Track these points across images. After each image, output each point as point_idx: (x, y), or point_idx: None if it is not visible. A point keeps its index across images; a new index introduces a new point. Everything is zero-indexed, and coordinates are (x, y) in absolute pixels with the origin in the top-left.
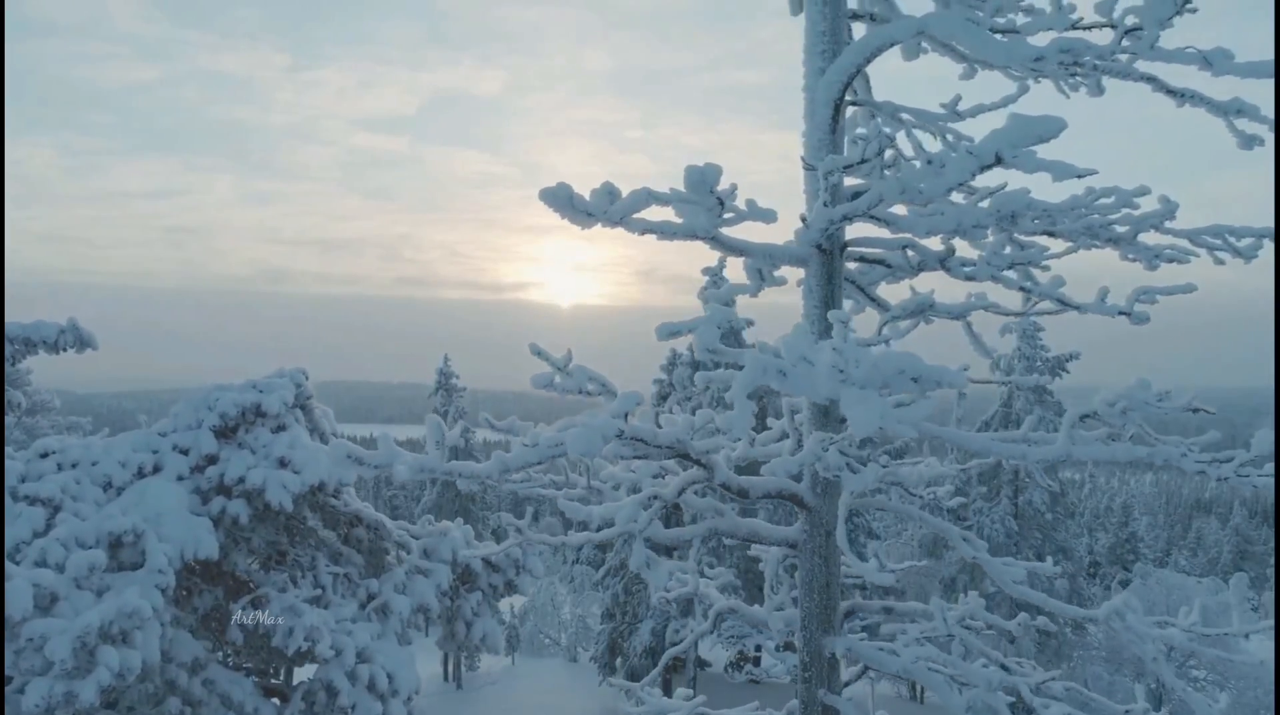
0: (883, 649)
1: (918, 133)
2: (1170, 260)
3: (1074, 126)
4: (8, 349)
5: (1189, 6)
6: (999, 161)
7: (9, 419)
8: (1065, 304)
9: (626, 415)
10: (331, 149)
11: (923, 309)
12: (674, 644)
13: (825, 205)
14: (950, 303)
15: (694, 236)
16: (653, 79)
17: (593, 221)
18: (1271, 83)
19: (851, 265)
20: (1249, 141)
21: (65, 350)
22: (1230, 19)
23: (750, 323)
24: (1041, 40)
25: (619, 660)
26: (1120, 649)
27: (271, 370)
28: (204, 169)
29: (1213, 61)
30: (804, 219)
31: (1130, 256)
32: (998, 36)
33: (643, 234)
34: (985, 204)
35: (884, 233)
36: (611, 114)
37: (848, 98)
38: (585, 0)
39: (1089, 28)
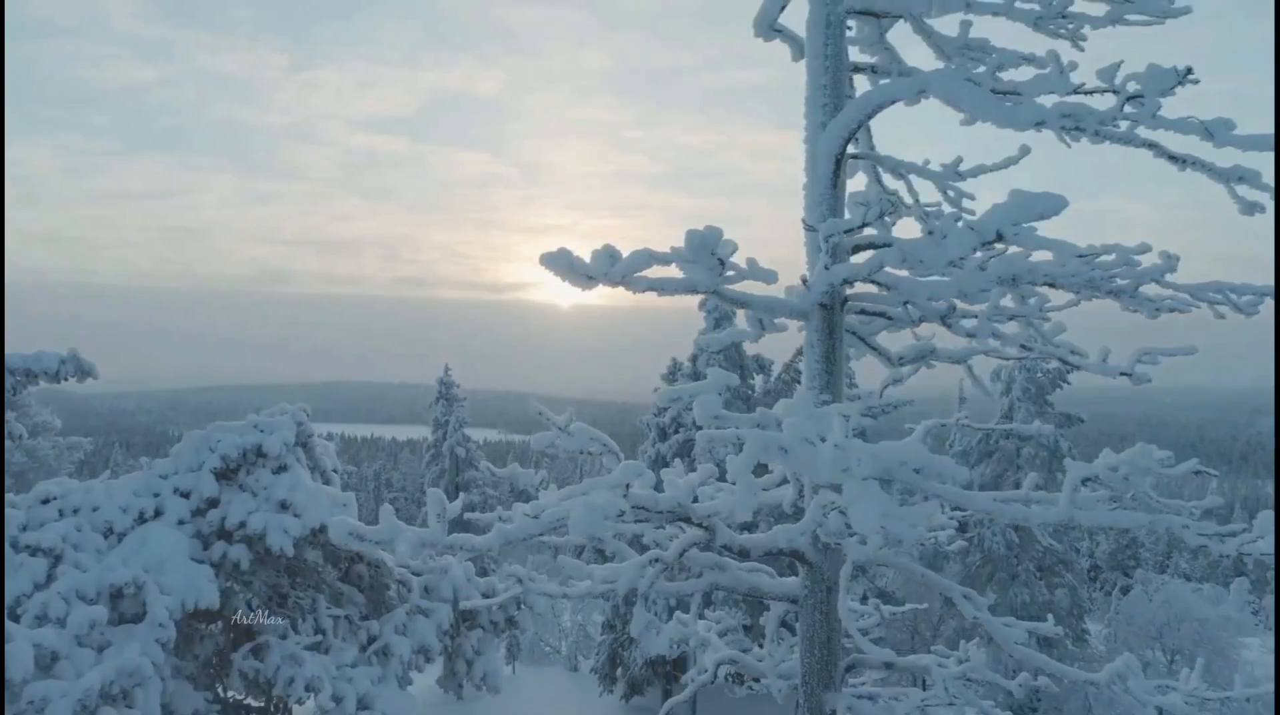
0: (882, 706)
1: (920, 177)
2: (1171, 310)
3: None
4: (8, 381)
5: (1190, 78)
6: (1000, 238)
7: (9, 444)
8: (1067, 363)
9: (628, 486)
10: (331, 149)
11: (924, 356)
12: (674, 659)
13: (826, 268)
14: (951, 347)
15: (695, 292)
16: (652, 78)
17: (594, 283)
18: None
19: (853, 317)
20: (1250, 208)
21: (66, 380)
22: (1230, 18)
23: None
24: (1044, 101)
25: (619, 671)
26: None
27: (275, 366)
28: (203, 169)
29: (1214, 132)
30: (804, 280)
31: (1132, 308)
32: (999, 97)
33: (645, 292)
34: (986, 269)
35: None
36: (611, 114)
37: (850, 150)
38: (584, 0)
39: (1090, 92)
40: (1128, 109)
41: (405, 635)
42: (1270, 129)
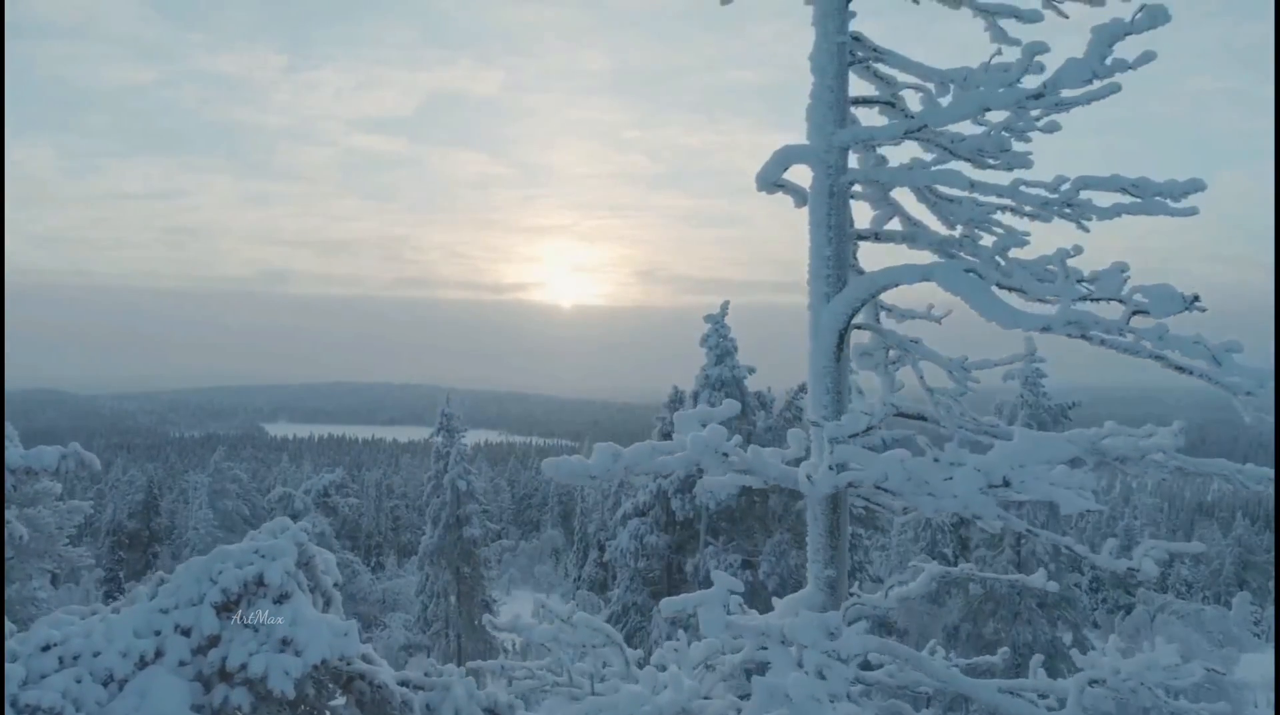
0: None
1: (928, 359)
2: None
3: (1072, 125)
4: (9, 479)
5: (1198, 305)
6: (1006, 485)
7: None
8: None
9: None
10: (330, 150)
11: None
12: None
13: (831, 469)
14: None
15: (698, 467)
16: (651, 79)
17: (598, 482)
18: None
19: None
20: (1257, 418)
21: (67, 474)
22: (1230, 17)
23: (752, 371)
24: (1049, 306)
25: None
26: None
27: (276, 367)
28: (202, 170)
29: (1220, 360)
30: (809, 477)
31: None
32: (1003, 294)
33: (653, 477)
34: (986, 495)
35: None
36: (610, 114)
37: (856, 320)
38: (582, 0)
39: (1098, 300)
40: (1134, 322)
41: None
42: (1269, 131)
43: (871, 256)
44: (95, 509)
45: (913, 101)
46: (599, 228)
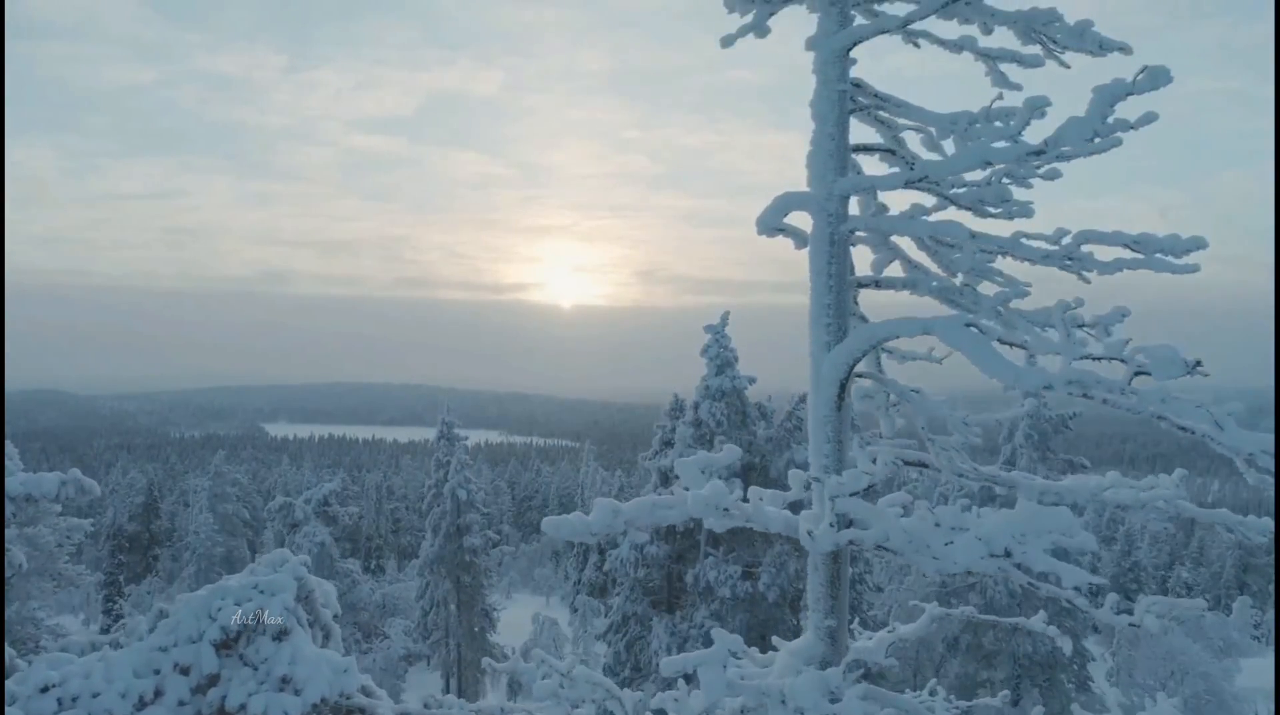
0: None
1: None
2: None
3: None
4: (8, 507)
5: (1200, 370)
6: (1008, 555)
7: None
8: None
9: None
10: (329, 150)
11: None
12: None
13: (832, 526)
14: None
15: (700, 518)
16: (651, 79)
17: (596, 538)
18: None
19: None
20: (1259, 481)
21: (67, 500)
22: (1230, 16)
23: (752, 380)
24: (1051, 362)
25: None
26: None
27: (276, 367)
28: (202, 170)
29: (1222, 425)
30: (811, 533)
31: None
32: (1006, 350)
33: (650, 529)
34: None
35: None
36: (609, 114)
37: (859, 369)
38: (582, 0)
39: (1099, 359)
40: (1136, 382)
41: None
42: (1269, 131)
43: (873, 299)
44: (95, 511)
45: (913, 142)
46: (599, 228)
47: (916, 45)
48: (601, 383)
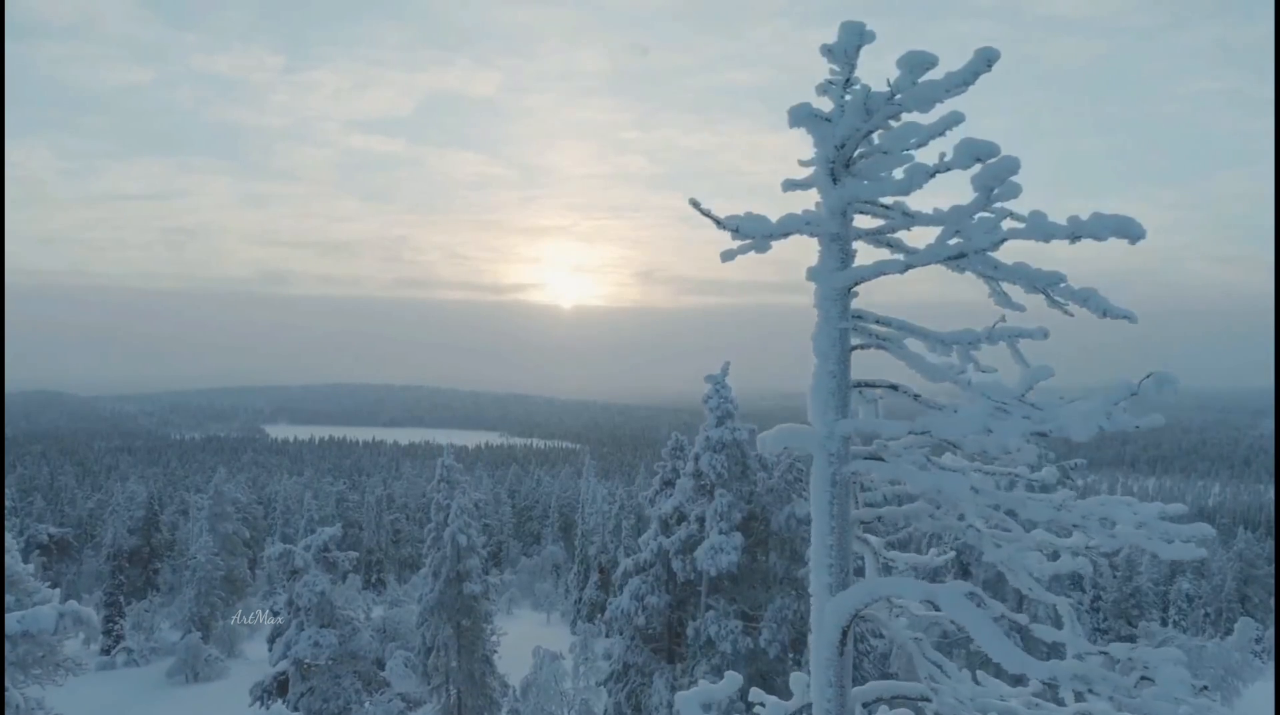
0: None
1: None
2: None
3: (1073, 126)
4: (8, 650)
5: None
6: None
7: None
8: None
9: None
10: (329, 150)
11: None
12: None
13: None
14: None
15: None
16: (649, 79)
17: None
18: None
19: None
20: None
21: (65, 634)
22: (1230, 16)
23: (753, 430)
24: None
25: None
26: None
27: (276, 368)
28: (201, 171)
29: None
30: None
31: None
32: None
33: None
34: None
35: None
36: (608, 114)
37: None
38: (580, 0)
39: (1101, 652)
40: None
41: None
42: (1269, 131)
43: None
44: (94, 519)
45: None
46: (598, 228)
47: (901, 272)
48: (601, 383)
